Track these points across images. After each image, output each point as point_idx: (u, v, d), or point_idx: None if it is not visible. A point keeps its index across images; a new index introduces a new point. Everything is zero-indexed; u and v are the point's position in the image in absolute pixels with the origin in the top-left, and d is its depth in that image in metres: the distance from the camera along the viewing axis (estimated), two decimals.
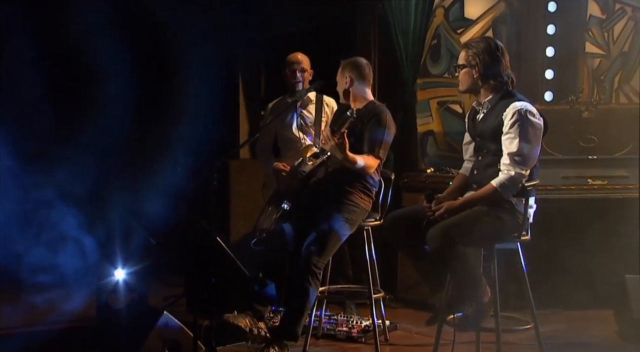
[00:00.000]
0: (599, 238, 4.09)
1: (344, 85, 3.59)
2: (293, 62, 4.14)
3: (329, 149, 3.36)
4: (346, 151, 3.32)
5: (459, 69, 3.13)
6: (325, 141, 3.35)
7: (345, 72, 3.58)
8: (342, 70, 3.60)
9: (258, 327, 3.32)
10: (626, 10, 5.06)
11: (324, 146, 3.39)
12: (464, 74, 3.12)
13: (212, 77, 4.72)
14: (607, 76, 5.07)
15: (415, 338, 3.75)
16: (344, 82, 3.59)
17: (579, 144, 4.48)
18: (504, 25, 5.03)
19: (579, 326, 3.93)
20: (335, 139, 3.29)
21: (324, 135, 3.35)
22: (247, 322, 3.30)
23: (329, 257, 3.47)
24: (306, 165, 3.44)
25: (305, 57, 4.16)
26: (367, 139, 3.47)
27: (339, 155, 3.35)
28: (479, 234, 3.00)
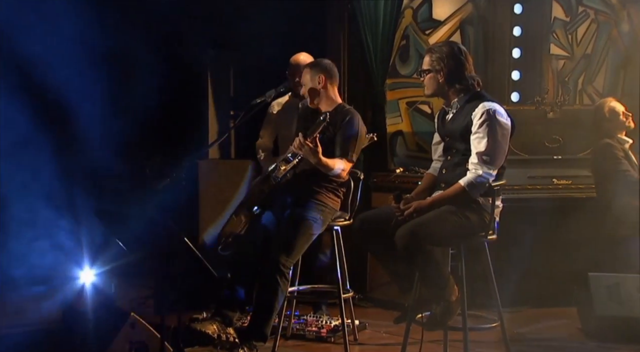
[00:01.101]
0: (563, 237, 4.16)
1: (315, 85, 3.56)
2: (292, 66, 4.07)
3: (302, 153, 3.36)
4: (319, 156, 3.34)
5: (424, 74, 3.16)
6: (298, 146, 3.34)
7: (317, 72, 3.56)
8: (311, 70, 3.57)
9: (226, 332, 3.31)
10: (589, 13, 5.16)
11: (296, 151, 3.38)
12: (429, 79, 3.15)
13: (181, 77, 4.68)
14: (571, 78, 5.17)
15: (384, 337, 3.77)
16: (315, 82, 3.55)
17: (545, 145, 4.55)
18: (471, 27, 5.09)
19: (544, 323, 4.00)
20: (308, 143, 3.29)
21: (297, 140, 3.34)
22: (214, 329, 3.29)
23: (298, 257, 3.47)
24: (279, 170, 3.43)
25: (309, 57, 4.05)
26: (339, 142, 3.47)
27: (313, 160, 3.36)
28: (446, 233, 3.03)
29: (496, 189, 3.07)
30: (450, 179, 3.12)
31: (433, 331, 3.19)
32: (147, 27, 4.52)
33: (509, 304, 3.88)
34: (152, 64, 4.52)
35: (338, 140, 3.47)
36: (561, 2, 5.12)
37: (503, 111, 3.09)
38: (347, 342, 3.46)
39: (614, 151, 4.04)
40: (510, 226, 3.54)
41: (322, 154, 3.35)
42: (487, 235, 3.08)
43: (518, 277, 4.12)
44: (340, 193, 3.58)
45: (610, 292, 3.67)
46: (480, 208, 3.08)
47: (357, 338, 3.74)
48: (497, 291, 3.11)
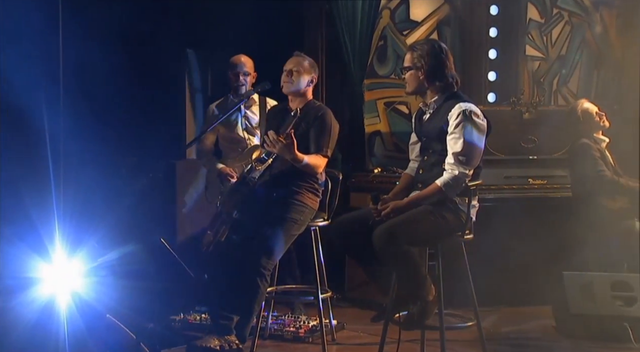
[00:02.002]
0: (538, 236, 4.21)
1: (305, 84, 3.53)
2: (236, 65, 4.12)
3: (277, 151, 3.34)
4: (295, 151, 3.32)
5: (405, 72, 3.17)
6: (271, 144, 3.33)
7: (312, 70, 3.54)
8: (309, 68, 3.52)
9: (228, 341, 3.31)
10: (563, 15, 5.23)
11: (269, 149, 3.37)
12: (410, 76, 3.16)
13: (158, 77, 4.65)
14: (546, 78, 5.23)
15: (362, 337, 3.78)
16: (307, 81, 3.53)
17: (521, 145, 4.60)
18: (448, 28, 5.12)
19: (519, 322, 4.04)
20: (282, 139, 3.28)
21: (270, 138, 3.32)
22: (216, 342, 3.28)
23: (278, 258, 3.46)
24: (255, 171, 3.42)
25: (249, 60, 4.15)
26: (313, 138, 3.47)
27: (288, 156, 3.34)
28: (423, 233, 3.04)
29: (472, 189, 3.09)
30: (427, 179, 3.14)
31: (410, 330, 3.21)
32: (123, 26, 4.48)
33: (486, 303, 3.91)
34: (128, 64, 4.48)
35: (311, 136, 3.46)
36: (536, 3, 5.18)
37: (479, 112, 3.11)
38: (325, 342, 3.47)
39: (590, 151, 4.09)
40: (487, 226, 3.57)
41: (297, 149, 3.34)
42: (464, 235, 3.10)
43: (494, 276, 4.16)
44: (319, 193, 3.58)
45: (584, 291, 3.72)
46: (457, 208, 3.10)
47: (335, 338, 3.74)
48: (473, 290, 3.13)
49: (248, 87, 4.10)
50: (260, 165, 3.41)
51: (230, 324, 3.34)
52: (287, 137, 3.28)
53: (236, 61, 4.13)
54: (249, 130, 4.11)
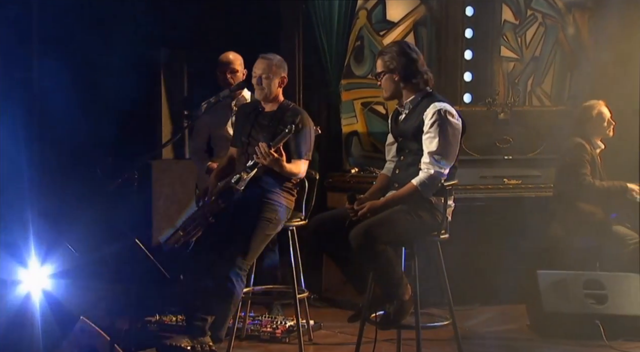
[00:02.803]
0: (514, 235, 4.25)
1: (276, 88, 3.53)
2: (223, 63, 4.09)
3: (267, 163, 3.34)
4: (284, 164, 3.35)
5: (380, 77, 3.19)
6: (262, 156, 3.32)
7: (281, 71, 3.54)
8: (277, 69, 3.52)
9: (201, 342, 3.29)
10: (537, 17, 5.29)
11: (259, 161, 3.35)
12: (385, 80, 3.18)
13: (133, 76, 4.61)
14: (520, 79, 5.29)
15: (339, 337, 3.79)
16: (278, 83, 3.53)
17: (496, 145, 4.64)
18: (424, 28, 5.15)
19: (494, 321, 4.08)
20: (273, 153, 3.29)
21: (261, 151, 3.31)
22: (187, 342, 3.26)
23: (254, 258, 3.46)
24: (242, 181, 3.40)
25: (238, 57, 4.10)
26: (294, 145, 3.46)
27: (277, 169, 3.37)
28: (399, 232, 3.06)
29: (448, 189, 3.11)
30: (403, 179, 3.16)
31: (386, 329, 3.22)
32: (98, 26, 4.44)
33: (461, 302, 3.94)
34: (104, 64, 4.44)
35: (291, 142, 3.46)
36: (511, 5, 5.23)
37: (454, 111, 3.14)
38: (302, 342, 3.47)
39: (581, 153, 4.12)
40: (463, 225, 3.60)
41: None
42: (440, 234, 3.13)
43: (470, 275, 4.20)
44: (294, 192, 3.58)
45: (557, 289, 3.77)
46: (433, 207, 3.12)
47: (311, 338, 3.75)
48: (449, 289, 3.16)
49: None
50: (247, 174, 3.39)
51: (204, 325, 3.33)
52: (278, 152, 3.30)
53: (223, 60, 4.09)
54: None
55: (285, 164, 3.36)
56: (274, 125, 3.48)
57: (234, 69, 4.07)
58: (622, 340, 3.61)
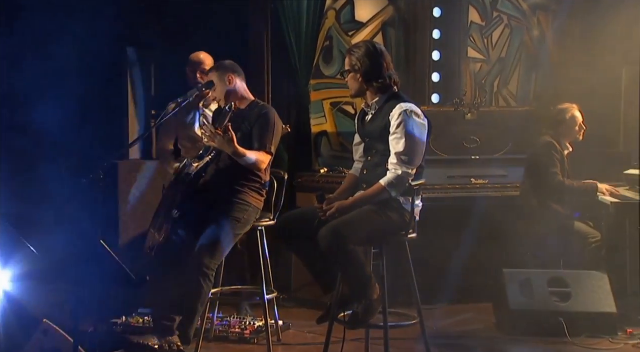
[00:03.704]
0: (480, 235, 4.30)
1: (227, 86, 3.54)
2: (194, 62, 4.06)
3: (217, 144, 3.34)
4: (235, 144, 3.32)
5: (346, 75, 3.21)
6: (210, 138, 3.32)
7: (224, 73, 3.54)
8: (217, 72, 3.55)
9: (169, 342, 3.26)
10: (503, 18, 5.36)
11: (209, 144, 3.35)
12: (350, 79, 3.21)
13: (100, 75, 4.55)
14: (487, 80, 5.35)
15: (308, 337, 3.79)
16: (226, 83, 3.53)
17: (463, 145, 4.69)
18: (393, 29, 5.18)
19: (461, 319, 4.12)
20: (219, 132, 3.27)
21: (208, 133, 3.31)
22: (155, 342, 3.23)
23: (222, 258, 3.44)
24: (191, 167, 3.38)
25: (208, 57, 4.09)
26: (256, 136, 3.47)
27: (228, 150, 3.34)
28: (368, 232, 3.08)
29: (416, 189, 3.14)
30: (371, 179, 3.17)
31: (355, 329, 3.23)
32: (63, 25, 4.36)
33: (429, 301, 3.99)
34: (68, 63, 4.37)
35: (255, 133, 3.46)
36: (477, 6, 5.29)
37: (420, 112, 3.16)
38: (271, 343, 3.46)
39: (552, 151, 4.18)
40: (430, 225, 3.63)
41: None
42: (408, 234, 3.15)
43: (437, 274, 4.24)
44: (263, 192, 3.58)
45: (522, 287, 3.83)
46: (401, 207, 3.14)
47: (280, 339, 3.74)
48: (417, 288, 3.18)
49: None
50: (198, 161, 3.38)
51: (172, 325, 3.30)
52: (225, 131, 3.27)
53: (194, 59, 4.07)
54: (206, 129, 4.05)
55: (238, 146, 3.32)
56: (240, 121, 3.48)
57: (204, 69, 4.05)
58: (585, 336, 3.68)
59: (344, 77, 3.24)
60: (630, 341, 3.66)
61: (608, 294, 3.80)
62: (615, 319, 3.76)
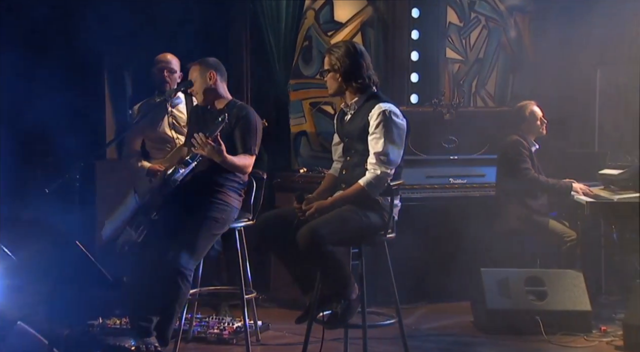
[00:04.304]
0: (459, 234, 4.33)
1: (207, 83, 3.51)
2: (161, 62, 4.05)
3: (206, 153, 3.32)
4: (224, 154, 3.31)
5: (325, 74, 3.21)
6: (200, 146, 3.29)
7: (206, 69, 3.52)
8: (200, 68, 3.52)
9: (147, 343, 3.23)
10: (480, 19, 5.41)
11: (198, 151, 3.33)
12: (329, 78, 3.21)
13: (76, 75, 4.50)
14: (465, 81, 5.39)
15: (287, 337, 3.79)
16: (207, 79, 3.51)
17: (442, 145, 4.73)
18: (372, 29, 5.20)
19: (440, 318, 4.15)
20: (211, 142, 3.26)
21: (199, 141, 3.28)
22: (131, 342, 3.20)
23: (200, 258, 3.42)
24: (178, 172, 3.36)
25: (175, 58, 4.09)
26: (239, 138, 3.45)
27: (217, 159, 3.34)
28: (347, 232, 3.08)
29: (395, 188, 3.14)
30: (350, 179, 3.18)
31: (334, 329, 3.23)
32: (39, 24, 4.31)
33: (408, 301, 4.02)
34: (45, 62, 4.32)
35: (237, 136, 3.45)
36: (455, 7, 5.33)
37: (398, 112, 3.17)
38: (249, 343, 3.45)
39: (520, 148, 4.22)
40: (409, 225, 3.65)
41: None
42: (387, 234, 3.16)
43: (416, 274, 4.27)
44: (242, 192, 3.57)
45: (500, 286, 3.86)
46: (380, 207, 3.15)
47: (259, 339, 3.74)
48: (395, 288, 3.19)
49: (172, 85, 4.03)
50: (185, 167, 3.36)
51: (149, 326, 3.28)
52: (216, 141, 3.27)
53: (161, 58, 4.06)
54: (176, 129, 4.04)
55: (227, 155, 3.33)
56: None
57: (172, 69, 4.04)
58: (560, 334, 3.73)
59: (323, 77, 3.24)
60: (604, 338, 3.71)
61: (583, 292, 3.85)
62: (590, 316, 3.82)
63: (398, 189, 3.19)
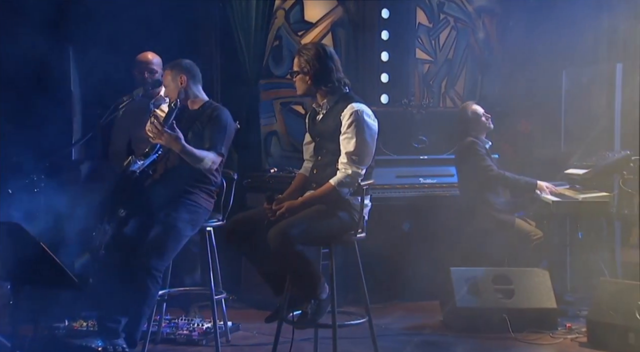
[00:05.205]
0: (429, 234, 4.37)
1: (178, 86, 3.52)
2: (142, 63, 4.00)
3: (164, 142, 3.30)
4: (182, 142, 3.28)
5: (294, 75, 3.21)
6: (156, 136, 3.27)
7: (177, 73, 3.52)
8: (171, 73, 3.53)
9: (114, 344, 3.20)
10: (449, 20, 5.46)
11: (155, 141, 3.31)
12: (298, 80, 3.22)
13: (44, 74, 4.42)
14: (435, 81, 5.44)
15: (257, 338, 3.78)
16: (178, 83, 3.52)
17: (412, 145, 4.76)
18: (342, 29, 5.21)
19: (409, 317, 4.18)
20: (167, 131, 3.23)
21: (154, 130, 3.26)
22: (98, 344, 3.17)
23: (170, 259, 3.40)
24: (136, 164, 3.33)
25: (156, 57, 4.04)
26: (208, 136, 3.44)
27: (176, 148, 3.31)
28: (317, 232, 3.08)
29: (365, 188, 3.16)
30: (320, 179, 3.18)
31: (304, 329, 3.23)
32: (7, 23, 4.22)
33: (378, 300, 4.03)
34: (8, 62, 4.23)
35: (206, 134, 3.44)
36: (424, 8, 5.37)
37: (370, 112, 3.19)
38: (219, 344, 3.44)
39: (477, 148, 4.28)
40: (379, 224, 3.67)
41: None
42: (357, 233, 3.17)
43: (386, 273, 4.29)
44: (213, 193, 3.55)
45: (469, 285, 3.90)
46: (350, 207, 3.16)
47: (229, 340, 3.72)
48: (365, 287, 3.20)
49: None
50: (144, 158, 3.33)
51: (117, 327, 3.24)
52: (171, 128, 3.24)
53: (142, 59, 4.01)
54: None
55: (185, 144, 3.30)
56: (192, 122, 3.45)
57: (152, 69, 3.99)
58: (527, 332, 3.78)
59: (292, 77, 3.24)
60: (569, 335, 3.77)
61: (549, 290, 3.91)
62: (555, 314, 3.88)
63: (368, 188, 3.20)
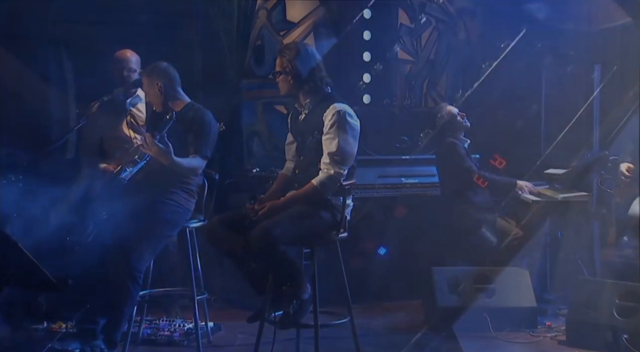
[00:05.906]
0: (411, 233, 4.39)
1: (156, 92, 3.50)
2: (121, 60, 3.96)
3: (153, 154, 3.27)
4: (172, 156, 3.27)
5: (277, 76, 3.21)
6: (147, 147, 3.25)
7: (154, 80, 3.50)
8: (148, 80, 3.51)
9: (92, 345, 3.17)
10: (431, 21, 5.49)
11: (145, 151, 3.28)
12: (281, 80, 3.22)
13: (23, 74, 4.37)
14: (416, 81, 5.46)
15: (239, 338, 3.77)
16: (156, 90, 3.50)
17: (394, 145, 4.78)
18: (324, 29, 5.21)
19: (391, 317, 4.19)
20: (158, 144, 3.21)
21: (146, 141, 3.24)
22: (76, 346, 3.15)
23: (150, 260, 3.38)
24: (125, 171, 3.31)
25: (135, 55, 4.00)
26: (192, 140, 3.43)
27: (165, 161, 3.29)
28: (300, 232, 3.08)
29: (347, 188, 3.16)
30: (303, 179, 3.18)
31: (286, 329, 3.23)
32: None
33: (359, 300, 4.03)
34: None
35: (191, 138, 3.42)
36: (406, 9, 5.39)
37: (353, 112, 3.19)
38: (201, 345, 3.42)
39: (456, 148, 4.31)
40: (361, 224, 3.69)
41: (175, 154, 3.29)
42: (339, 233, 3.17)
43: (368, 273, 4.30)
44: (194, 193, 3.53)
45: (450, 284, 3.92)
46: (332, 207, 3.16)
47: (211, 340, 3.70)
48: (347, 287, 3.21)
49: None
50: (132, 166, 3.31)
51: (95, 328, 3.22)
52: (163, 142, 3.22)
53: (121, 57, 3.96)
54: (135, 128, 3.95)
55: (175, 158, 3.30)
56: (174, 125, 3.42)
57: (131, 68, 3.96)
58: (508, 331, 3.81)
59: (275, 77, 3.24)
60: (549, 333, 3.81)
61: (529, 289, 3.95)
62: (535, 313, 3.92)
63: (350, 188, 3.21)
